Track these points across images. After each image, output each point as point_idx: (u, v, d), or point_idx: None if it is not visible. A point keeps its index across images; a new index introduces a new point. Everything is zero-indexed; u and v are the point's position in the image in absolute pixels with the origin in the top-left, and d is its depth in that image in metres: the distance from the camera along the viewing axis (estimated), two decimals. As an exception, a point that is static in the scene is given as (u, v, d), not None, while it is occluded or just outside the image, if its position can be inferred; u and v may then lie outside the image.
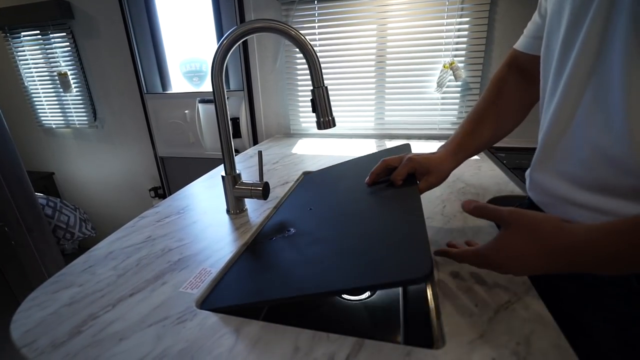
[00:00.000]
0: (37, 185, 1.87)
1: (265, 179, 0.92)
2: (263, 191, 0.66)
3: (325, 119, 0.61)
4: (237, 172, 0.69)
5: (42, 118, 1.80)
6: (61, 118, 1.76)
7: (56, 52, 1.62)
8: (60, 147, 1.88)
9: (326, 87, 0.61)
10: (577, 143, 0.40)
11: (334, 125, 0.63)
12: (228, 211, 0.71)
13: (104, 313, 0.43)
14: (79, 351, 0.37)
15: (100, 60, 1.60)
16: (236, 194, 0.68)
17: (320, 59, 1.35)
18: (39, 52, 1.65)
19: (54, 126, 1.79)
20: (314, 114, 0.61)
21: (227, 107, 0.65)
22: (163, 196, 1.78)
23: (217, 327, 0.40)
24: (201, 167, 1.62)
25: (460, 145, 0.58)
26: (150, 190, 1.78)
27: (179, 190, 0.89)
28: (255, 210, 0.72)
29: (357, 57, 1.28)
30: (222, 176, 0.68)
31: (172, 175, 1.72)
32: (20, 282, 0.45)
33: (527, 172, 0.54)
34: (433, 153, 0.59)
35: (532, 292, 0.43)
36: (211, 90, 0.63)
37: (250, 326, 0.40)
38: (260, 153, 0.66)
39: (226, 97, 0.64)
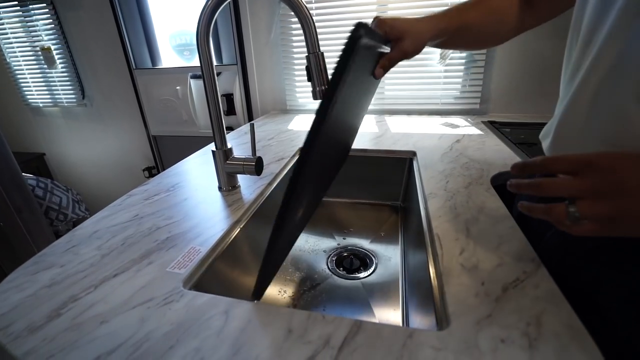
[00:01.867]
0: (28, 167, 1.83)
1: (259, 155, 0.88)
2: (256, 166, 0.62)
3: (321, 88, 0.57)
4: (229, 146, 0.65)
5: (28, 96, 1.73)
6: (48, 96, 1.69)
7: (37, 26, 1.53)
8: (49, 127, 1.82)
9: (322, 53, 0.56)
10: (601, 118, 0.36)
11: (331, 95, 0.58)
12: (220, 188, 0.67)
13: (85, 295, 0.40)
14: (57, 335, 0.34)
15: (85, 34, 1.52)
16: (227, 169, 0.65)
17: (317, 29, 1.27)
18: (19, 26, 1.56)
19: (41, 105, 1.73)
20: (310, 88, 0.57)
21: (216, 76, 0.60)
22: (158, 176, 1.74)
23: (206, 308, 0.37)
24: (196, 146, 1.56)
25: (444, 15, 0.53)
26: (144, 170, 1.74)
27: None
28: (249, 187, 0.68)
29: (356, 27, 1.21)
30: (213, 151, 0.64)
31: (166, 154, 1.68)
32: (13, 264, 0.43)
33: (542, 135, 0.49)
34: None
35: (542, 269, 0.40)
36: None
37: (241, 307, 0.37)
38: (252, 125, 0.61)
39: (216, 71, 0.59)
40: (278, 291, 0.63)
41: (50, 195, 1.38)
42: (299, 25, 0.54)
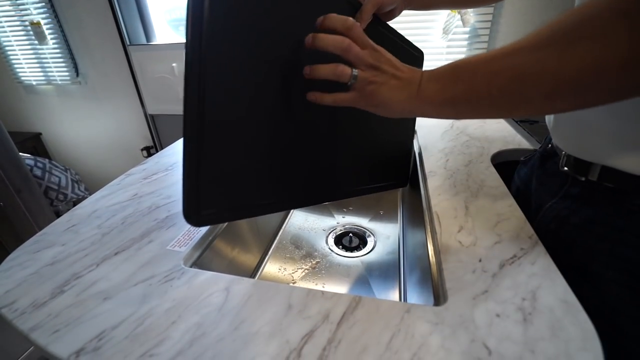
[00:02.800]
0: (25, 147, 1.81)
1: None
2: (254, 146, 0.61)
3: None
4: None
5: (20, 74, 1.69)
6: (41, 74, 1.65)
7: (26, -1, 1.47)
8: (44, 106, 1.79)
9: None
10: None
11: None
12: (219, 168, 0.67)
13: (87, 272, 0.41)
14: (61, 311, 0.35)
15: (76, 8, 1.46)
16: (226, 149, 0.64)
17: None
18: (6, -2, 1.50)
19: (34, 83, 1.69)
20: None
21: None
22: (156, 156, 1.73)
23: (206, 285, 0.38)
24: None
25: None
26: (142, 149, 1.73)
27: None
28: (248, 166, 0.68)
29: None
30: (210, 130, 0.63)
31: (164, 134, 1.66)
32: (15, 244, 0.44)
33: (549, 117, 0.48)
34: None
35: (539, 246, 0.40)
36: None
37: (241, 284, 0.38)
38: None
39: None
40: (278, 269, 0.64)
41: (49, 175, 1.38)
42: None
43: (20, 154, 1.38)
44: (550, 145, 0.48)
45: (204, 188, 0.30)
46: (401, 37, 0.50)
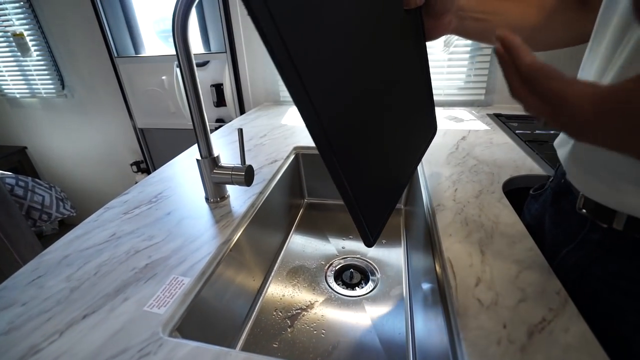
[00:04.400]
0: (10, 161, 1.74)
1: (251, 157, 0.81)
2: (245, 176, 0.56)
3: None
4: (216, 153, 0.58)
5: (4, 86, 1.62)
6: (25, 86, 1.59)
7: (7, 9, 1.41)
8: (29, 120, 1.72)
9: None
10: None
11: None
12: (207, 199, 0.61)
13: (48, 344, 0.35)
14: (11, 403, 0.29)
15: (60, 18, 1.41)
16: (215, 179, 0.58)
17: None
18: (-13, 9, 1.44)
19: (17, 95, 1.62)
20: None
21: (202, 79, 0.53)
22: (146, 170, 1.67)
23: (187, 363, 0.32)
24: (185, 138, 1.50)
25: None
26: (132, 164, 1.66)
27: (162, 165, 0.79)
28: (239, 197, 0.62)
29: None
30: (197, 160, 0.57)
31: (154, 147, 1.60)
32: None
33: (558, 143, 0.44)
34: None
35: (569, 306, 0.35)
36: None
37: (229, 359, 0.32)
38: (240, 131, 0.55)
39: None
40: (274, 310, 0.59)
41: (32, 194, 1.31)
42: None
43: (1, 172, 1.32)
44: (563, 180, 0.43)
45: (366, 217, 0.35)
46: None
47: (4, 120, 1.77)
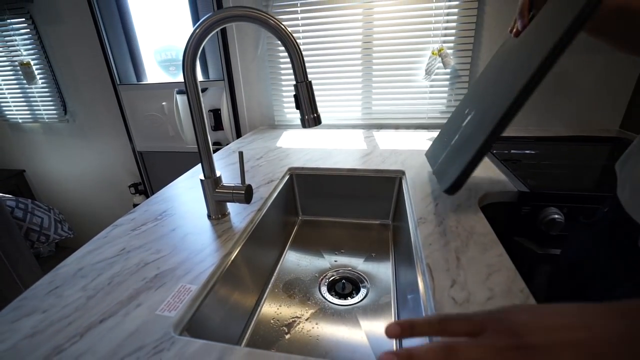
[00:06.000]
0: (7, 185, 1.76)
1: (249, 177, 0.87)
2: (245, 195, 0.62)
3: (309, 117, 0.57)
4: (218, 174, 0.64)
5: (7, 112, 1.67)
6: (27, 112, 1.64)
7: (16, 40, 1.49)
8: (29, 144, 1.77)
9: (310, 82, 0.56)
10: None
11: (320, 122, 0.58)
12: (209, 216, 0.66)
13: (70, 345, 0.39)
14: (41, 394, 0.33)
15: (66, 49, 1.48)
16: (217, 198, 0.64)
17: (304, 47, 1.28)
18: (-3, 40, 1.51)
19: (20, 121, 1.67)
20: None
21: (203, 105, 0.59)
22: (144, 192, 1.71)
23: (198, 356, 0.36)
24: (183, 161, 1.55)
25: None
26: (130, 186, 1.70)
27: (160, 186, 0.84)
28: (239, 214, 0.68)
29: (343, 43, 1.22)
30: (201, 179, 0.63)
31: (153, 170, 1.65)
32: None
33: (620, 165, 0.42)
34: None
35: (530, 301, 0.41)
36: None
37: (234, 354, 0.37)
38: (241, 154, 0.61)
39: (202, 86, 0.59)
40: (272, 319, 0.63)
41: (31, 216, 1.33)
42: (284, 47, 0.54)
43: (1, 194, 1.35)
44: (620, 210, 0.41)
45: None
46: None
47: (4, 144, 1.80)
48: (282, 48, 1.27)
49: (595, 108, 1.15)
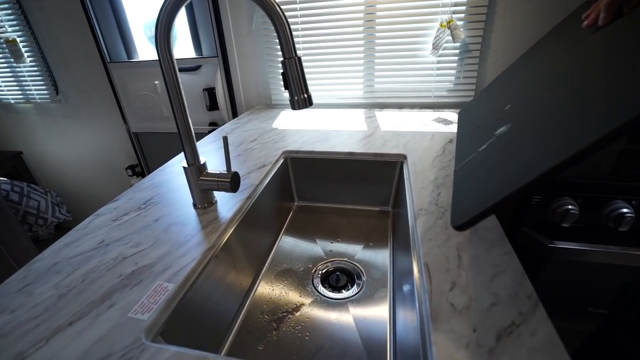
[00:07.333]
0: (5, 166, 1.75)
1: (240, 162, 0.82)
2: (231, 183, 0.57)
3: (300, 97, 0.52)
4: (202, 161, 0.59)
5: (-2, 92, 1.63)
6: (19, 92, 1.59)
7: None
8: (24, 125, 1.73)
9: (299, 58, 0.50)
10: None
11: (310, 104, 0.53)
12: (195, 205, 0.62)
13: (34, 351, 0.36)
14: (-4, 409, 0.30)
15: (53, 24, 1.41)
16: (201, 186, 0.60)
17: (301, 19, 1.19)
18: (-20, 15, 1.44)
19: (12, 101, 1.63)
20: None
21: (181, 84, 0.54)
22: (141, 174, 1.68)
23: (167, 368, 0.33)
24: (179, 142, 1.50)
25: None
26: (127, 168, 1.67)
27: (157, 167, 0.81)
28: (227, 202, 0.64)
29: (343, 15, 1.13)
30: (184, 167, 0.58)
31: (149, 151, 1.61)
32: None
33: None
34: None
35: (539, 310, 0.37)
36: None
37: (207, 365, 0.33)
38: (225, 139, 0.56)
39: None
40: (261, 312, 0.60)
41: (27, 199, 1.32)
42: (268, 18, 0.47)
43: (-4, 178, 1.33)
44: None
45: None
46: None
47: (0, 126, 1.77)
48: (279, 21, 1.19)
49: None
